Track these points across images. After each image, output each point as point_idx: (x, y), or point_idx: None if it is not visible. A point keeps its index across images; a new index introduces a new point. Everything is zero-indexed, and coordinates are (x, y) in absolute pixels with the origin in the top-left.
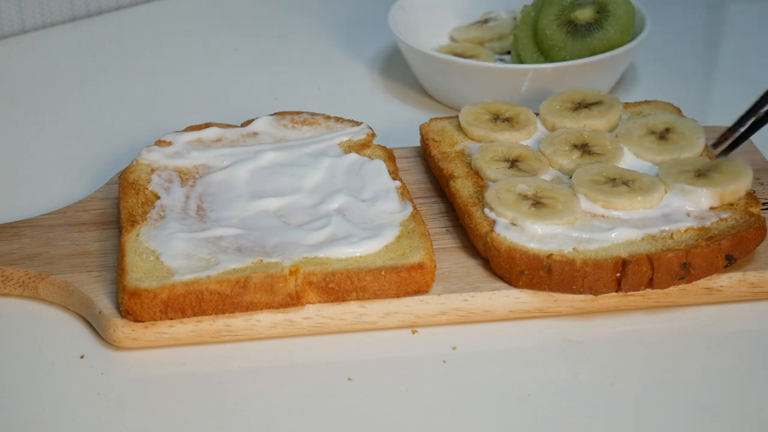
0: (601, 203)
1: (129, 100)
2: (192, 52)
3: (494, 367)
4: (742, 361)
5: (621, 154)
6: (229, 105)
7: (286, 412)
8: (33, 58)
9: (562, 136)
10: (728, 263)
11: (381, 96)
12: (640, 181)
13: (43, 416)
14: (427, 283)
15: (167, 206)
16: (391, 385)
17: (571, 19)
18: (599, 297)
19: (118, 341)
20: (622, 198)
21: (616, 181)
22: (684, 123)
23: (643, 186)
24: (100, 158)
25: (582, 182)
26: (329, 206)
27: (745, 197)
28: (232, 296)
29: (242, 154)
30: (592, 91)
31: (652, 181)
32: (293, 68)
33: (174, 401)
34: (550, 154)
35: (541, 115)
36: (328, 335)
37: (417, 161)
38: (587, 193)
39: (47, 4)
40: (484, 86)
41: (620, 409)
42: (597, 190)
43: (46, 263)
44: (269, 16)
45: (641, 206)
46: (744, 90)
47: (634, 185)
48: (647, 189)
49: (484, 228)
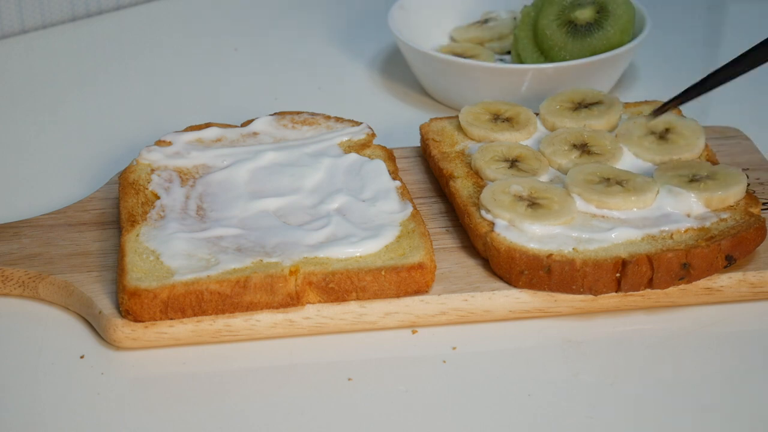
0: (595, 203)
1: (129, 100)
2: (192, 52)
3: (494, 367)
4: (742, 361)
5: (620, 154)
6: (229, 105)
7: (286, 412)
8: (33, 58)
9: (562, 135)
10: (728, 263)
11: (381, 96)
12: (633, 181)
13: (43, 416)
14: (427, 283)
15: (167, 206)
16: (391, 385)
17: (571, 19)
18: (599, 297)
19: (118, 341)
20: (616, 198)
21: (610, 180)
22: (684, 123)
23: (637, 186)
24: (100, 158)
25: (576, 182)
26: (329, 206)
27: (745, 197)
28: (232, 296)
29: (242, 154)
30: (592, 91)
31: (645, 182)
32: (293, 68)
33: (174, 401)
34: (550, 154)
35: (541, 115)
36: (328, 335)
37: (417, 161)
38: (581, 193)
39: (47, 4)
40: (484, 86)
41: (620, 409)
42: (591, 190)
43: (46, 263)
44: (269, 15)
45: (635, 206)
46: (744, 90)
47: (628, 185)
48: (641, 189)
49: (484, 228)
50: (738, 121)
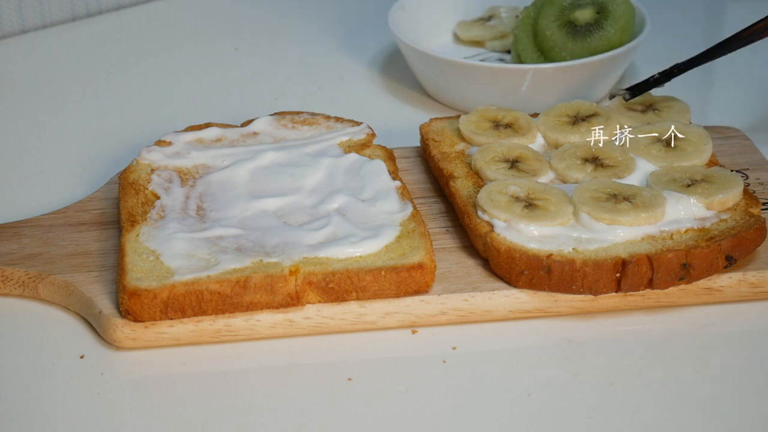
0: (606, 221)
1: (129, 100)
2: (192, 52)
3: (494, 367)
4: (742, 361)
5: (633, 164)
6: (229, 105)
7: (286, 412)
8: (33, 58)
9: (571, 150)
10: (728, 264)
11: (381, 96)
12: (641, 196)
13: (43, 416)
14: (427, 283)
15: (167, 206)
16: (391, 385)
17: (571, 20)
18: (599, 297)
19: (118, 341)
20: (628, 215)
21: (617, 197)
22: (690, 129)
23: (646, 201)
24: (100, 158)
25: (584, 200)
26: (329, 206)
27: (745, 198)
28: (232, 296)
29: (242, 154)
30: (583, 103)
31: (653, 195)
32: (293, 68)
33: (174, 401)
34: (563, 169)
35: (541, 131)
36: (328, 335)
37: (417, 161)
38: (590, 212)
39: (47, 4)
40: (483, 86)
41: (620, 409)
42: (600, 208)
43: (46, 263)
44: (269, 16)
45: (647, 222)
46: (744, 90)
47: (636, 200)
48: (651, 205)
49: (484, 228)
50: (738, 121)
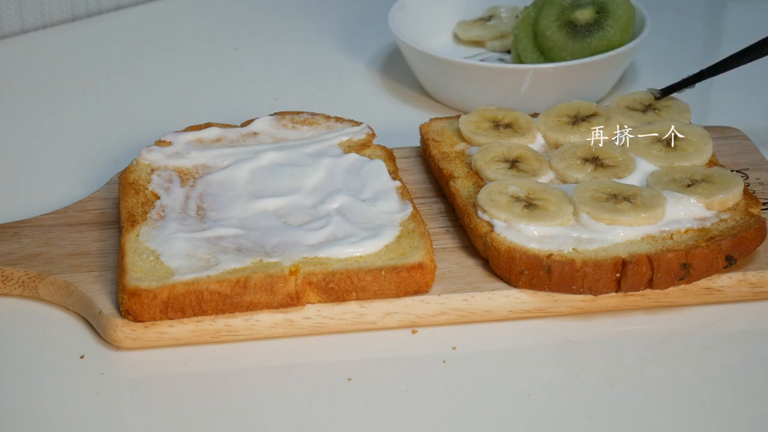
0: (606, 221)
1: (129, 100)
2: (192, 52)
3: (494, 367)
4: (742, 361)
5: (633, 164)
6: (229, 105)
7: (286, 412)
8: (33, 58)
9: (570, 151)
10: (728, 264)
11: (381, 96)
12: (641, 196)
13: (43, 416)
14: (427, 283)
15: (167, 206)
16: (391, 385)
17: (571, 20)
18: (599, 297)
19: (118, 341)
20: (628, 215)
21: (617, 197)
22: (691, 129)
23: (646, 201)
24: (100, 158)
25: (584, 200)
26: (329, 206)
27: (745, 198)
28: (232, 296)
29: (242, 154)
30: (582, 103)
31: (653, 195)
32: (293, 68)
33: (174, 401)
34: (563, 169)
35: (541, 131)
36: (328, 335)
37: (417, 161)
38: (590, 212)
39: (47, 4)
40: (483, 86)
41: (620, 409)
42: (600, 208)
43: (46, 263)
44: (269, 16)
45: (647, 222)
46: (744, 90)
47: (636, 200)
48: (651, 205)
49: (484, 228)
50: (738, 121)
